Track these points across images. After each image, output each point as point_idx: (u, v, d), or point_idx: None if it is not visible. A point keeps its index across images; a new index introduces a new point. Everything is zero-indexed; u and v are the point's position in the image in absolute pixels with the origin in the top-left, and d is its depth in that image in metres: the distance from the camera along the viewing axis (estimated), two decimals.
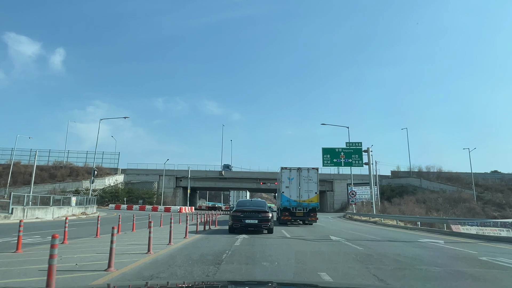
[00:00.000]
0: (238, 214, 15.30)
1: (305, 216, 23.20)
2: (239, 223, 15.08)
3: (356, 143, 35.16)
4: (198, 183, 69.65)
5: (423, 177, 65.11)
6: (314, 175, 23.53)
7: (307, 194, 23.15)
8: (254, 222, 15.06)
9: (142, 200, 63.25)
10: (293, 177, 23.42)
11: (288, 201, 23.18)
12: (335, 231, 20.35)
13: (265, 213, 15.45)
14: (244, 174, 70.07)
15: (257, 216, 15.23)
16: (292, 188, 23.24)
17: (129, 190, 64.69)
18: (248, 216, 15.22)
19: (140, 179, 68.16)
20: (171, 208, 51.18)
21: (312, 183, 23.31)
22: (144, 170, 68.97)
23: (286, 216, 23.20)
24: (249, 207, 15.92)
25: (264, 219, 15.22)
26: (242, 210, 15.53)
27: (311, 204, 23.10)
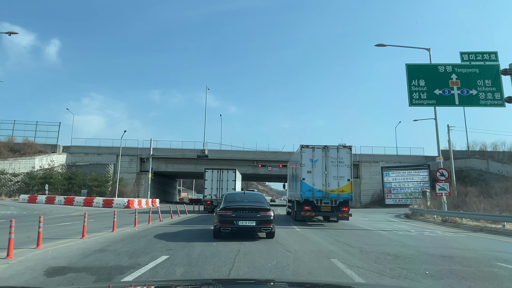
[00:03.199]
0: (229, 213, 10.65)
1: (334, 211, 17.74)
2: (229, 225, 10.57)
3: (485, 53, 13.58)
4: (173, 166, 49.55)
5: (492, 158, 43.99)
6: (345, 156, 18.00)
7: (337, 182, 17.65)
8: (251, 224, 10.57)
9: (87, 190, 42.40)
10: (317, 158, 17.87)
11: (310, 191, 17.57)
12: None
13: (266, 212, 10.83)
14: (235, 154, 49.58)
15: (255, 216, 10.68)
16: (316, 173, 17.71)
17: (71, 175, 43.79)
18: (242, 216, 10.62)
19: (89, 160, 48.04)
20: (114, 202, 30.25)
21: (343, 167, 17.81)
22: (96, 148, 49.23)
23: (307, 211, 17.76)
24: (244, 203, 11.30)
25: (265, 219, 10.70)
26: (234, 207, 10.81)
27: (342, 195, 17.65)
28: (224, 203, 11.37)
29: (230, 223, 10.59)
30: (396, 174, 47.51)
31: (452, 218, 19.95)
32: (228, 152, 51.98)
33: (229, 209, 10.79)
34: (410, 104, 16.16)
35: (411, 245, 10.68)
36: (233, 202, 11.45)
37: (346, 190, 17.83)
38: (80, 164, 50.51)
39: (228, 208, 10.84)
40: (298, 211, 18.79)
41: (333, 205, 17.71)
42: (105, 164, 50.64)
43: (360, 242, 10.79)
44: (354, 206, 49.51)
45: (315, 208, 17.75)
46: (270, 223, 10.71)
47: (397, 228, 17.19)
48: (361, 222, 20.40)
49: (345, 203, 17.90)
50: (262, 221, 10.65)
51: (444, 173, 22.08)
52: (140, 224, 15.23)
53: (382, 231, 14.99)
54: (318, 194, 17.67)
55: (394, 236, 12.93)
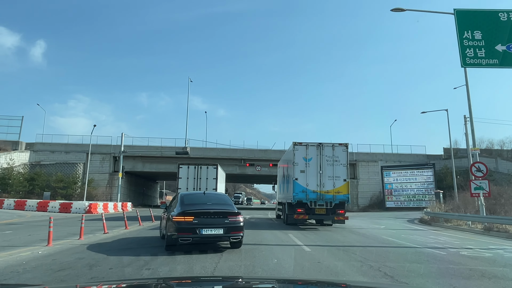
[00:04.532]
0: (189, 220, 8.48)
1: (329, 213, 16.42)
2: (190, 235, 8.41)
3: None
4: (151, 166, 44.11)
5: (500, 157, 39.84)
6: (341, 154, 16.83)
7: (332, 182, 16.48)
8: (218, 232, 8.53)
9: (51, 192, 36.81)
10: (311, 156, 16.73)
11: (304, 192, 16.38)
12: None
13: (236, 217, 8.91)
14: (220, 153, 44.36)
15: (222, 222, 8.64)
16: (310, 173, 16.57)
17: (34, 175, 37.97)
18: (207, 223, 8.51)
19: (56, 158, 42.27)
20: (72, 206, 24.74)
21: (339, 166, 16.70)
22: (63, 145, 43.64)
23: (300, 214, 16.38)
24: (208, 207, 9.15)
25: (235, 226, 8.76)
26: (196, 212, 8.64)
27: (338, 197, 16.42)
28: (181, 206, 8.95)
29: (191, 232, 8.42)
30: (398, 174, 42.96)
31: (502, 226, 15.10)
32: (213, 150, 46.76)
33: (190, 214, 8.52)
34: (463, 64, 11.50)
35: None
36: (193, 205, 9.04)
37: (342, 191, 16.60)
38: (45, 163, 44.65)
39: (188, 213, 8.54)
40: (290, 214, 17.28)
41: (328, 207, 16.42)
42: (73, 163, 44.90)
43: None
44: (351, 209, 44.75)
45: (309, 210, 16.40)
46: (240, 230, 8.93)
47: (455, 244, 11.95)
48: (379, 232, 15.58)
49: (341, 205, 16.64)
50: (231, 228, 8.69)
51: (481, 168, 17.37)
52: (88, 235, 10.18)
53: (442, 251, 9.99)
54: (312, 196, 16.41)
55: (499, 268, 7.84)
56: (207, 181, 21.12)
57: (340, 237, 12.46)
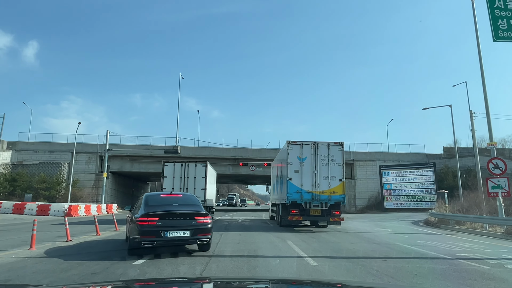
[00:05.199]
0: (153, 222, 7.93)
1: (324, 214, 15.79)
2: (154, 238, 7.88)
3: None
4: (140, 166, 41.89)
5: (502, 156, 37.89)
6: (337, 153, 16.26)
7: (327, 182, 15.90)
8: (184, 235, 8.05)
9: (33, 193, 34.57)
10: (306, 156, 16.18)
11: (298, 193, 15.82)
12: None
13: (203, 218, 8.43)
14: (212, 152, 42.27)
15: (189, 224, 8.17)
16: (304, 173, 16.00)
17: (16, 176, 35.66)
18: (172, 225, 8.01)
19: (40, 158, 39.91)
20: (51, 208, 22.36)
21: (334, 166, 16.11)
22: (47, 144, 41.13)
23: (295, 215, 15.80)
24: (173, 208, 8.56)
25: (202, 228, 8.30)
26: (160, 213, 8.12)
27: (333, 197, 15.81)
28: (144, 207, 8.51)
29: (155, 235, 7.93)
30: (397, 174, 41.18)
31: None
32: (205, 149, 44.64)
33: (153, 216, 8.07)
34: (495, 38, 9.75)
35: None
36: (157, 206, 8.60)
37: (338, 192, 15.95)
38: (28, 163, 42.23)
39: (152, 215, 8.10)
40: (284, 216, 16.66)
41: (323, 208, 15.81)
42: (58, 163, 42.53)
43: None
44: (348, 210, 42.93)
45: (303, 211, 15.81)
46: (208, 232, 8.50)
47: (486, 252, 9.89)
48: (389, 237, 13.65)
49: (336, 206, 15.98)
50: (198, 230, 8.27)
51: (499, 165, 15.57)
52: (45, 244, 8.17)
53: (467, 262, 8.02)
54: (306, 196, 15.82)
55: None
56: (195, 181, 19.07)
57: (348, 245, 10.48)
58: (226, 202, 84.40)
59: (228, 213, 38.01)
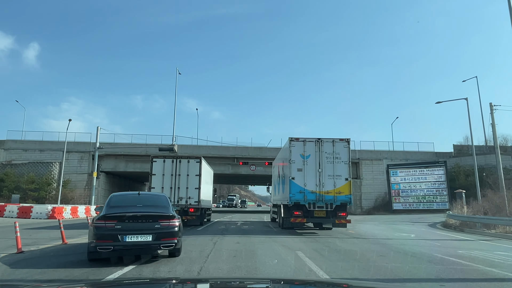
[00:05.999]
0: (111, 225, 7.21)
1: (330, 216, 14.69)
2: (111, 242, 7.10)
3: None
4: (135, 165, 39.68)
5: (507, 152, 35.98)
6: (343, 150, 15.19)
7: (333, 182, 14.81)
8: (146, 239, 7.20)
9: (21, 194, 32.32)
10: (309, 153, 15.18)
11: (302, 193, 14.79)
12: None
13: (169, 220, 7.54)
14: (211, 150, 40.08)
15: (152, 227, 7.35)
16: (308, 171, 14.93)
17: (3, 176, 33.59)
18: (132, 229, 7.24)
19: (29, 157, 37.70)
20: (33, 210, 20.03)
21: (340, 164, 15.02)
22: (37, 142, 38.91)
23: (298, 217, 14.75)
24: (135, 209, 7.82)
25: (167, 231, 7.44)
26: (119, 215, 7.41)
27: (339, 198, 14.71)
28: (105, 209, 7.75)
29: (111, 239, 7.02)
30: (406, 173, 38.81)
31: None
32: (203, 148, 42.33)
33: (111, 218, 7.22)
34: None
35: None
36: (118, 208, 7.77)
37: (344, 192, 14.85)
38: (17, 163, 39.98)
39: (109, 217, 7.26)
40: (286, 217, 15.67)
41: (328, 210, 14.68)
42: (48, 162, 40.27)
43: None
44: (354, 212, 40.54)
45: (307, 213, 14.76)
46: (174, 236, 7.45)
47: None
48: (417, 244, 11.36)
49: (342, 207, 14.89)
50: (162, 234, 7.29)
51: None
52: None
53: None
54: (310, 197, 14.79)
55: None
56: (187, 179, 16.74)
57: (379, 259, 8.11)
58: (226, 203, 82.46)
59: (227, 215, 35.68)
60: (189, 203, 16.52)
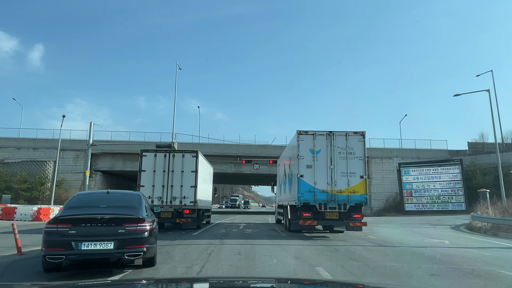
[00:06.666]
0: (63, 229, 6.03)
1: (343, 218, 13.26)
2: (63, 251, 5.93)
3: None
4: (133, 164, 37.31)
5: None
6: (357, 144, 13.65)
7: (346, 180, 13.35)
8: (106, 247, 6.02)
9: (13, 194, 30.35)
10: (320, 148, 13.65)
11: (311, 192, 13.31)
12: None
13: (136, 224, 6.30)
14: (213, 148, 37.96)
15: (115, 232, 6.12)
16: (318, 168, 13.46)
17: None
18: (89, 234, 6.07)
19: (23, 156, 35.71)
20: (17, 211, 17.55)
21: (354, 160, 13.45)
22: (31, 140, 36.98)
23: (307, 219, 13.38)
24: (96, 210, 6.53)
25: (133, 237, 6.18)
26: (74, 217, 6.24)
27: (354, 198, 13.29)
28: (62, 210, 6.68)
29: (64, 247, 5.84)
30: (418, 172, 36.42)
31: None
32: (204, 146, 40.10)
33: (65, 221, 6.05)
34: None
35: None
36: (78, 209, 6.57)
37: (359, 191, 13.44)
38: (10, 162, 37.99)
39: (62, 220, 6.08)
40: (293, 219, 14.43)
41: (341, 211, 13.31)
42: (42, 161, 38.27)
43: None
44: (363, 213, 38.25)
45: (318, 215, 13.40)
46: (142, 243, 6.13)
47: None
48: (463, 254, 9.11)
49: (357, 208, 13.56)
50: (127, 241, 6.03)
51: None
52: None
53: None
54: (321, 196, 13.39)
55: None
56: (182, 176, 14.54)
57: (435, 279, 5.79)
58: (229, 204, 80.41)
59: (229, 216, 33.46)
60: (183, 204, 14.32)
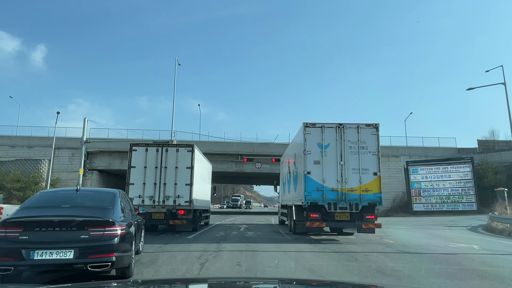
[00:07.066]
0: (12, 236, 4.94)
1: (355, 219, 12.13)
2: (11, 261, 4.79)
3: None
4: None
5: None
6: (370, 138, 12.55)
7: (358, 177, 12.23)
8: (64, 257, 4.86)
9: (6, 194, 28.89)
10: (328, 142, 12.56)
11: (319, 191, 12.22)
12: None
13: (102, 228, 5.10)
14: (213, 146, 36.50)
15: (75, 238, 5.01)
16: (327, 164, 12.39)
17: None
18: (43, 241, 4.96)
19: (17, 154, 34.43)
20: (3, 212, 15.81)
21: (367, 155, 12.41)
22: (26, 138, 35.79)
23: (315, 220, 12.20)
24: (55, 211, 5.38)
25: (96, 245, 5.03)
26: (25, 220, 5.15)
27: (367, 197, 12.14)
28: (16, 211, 5.74)
29: (12, 256, 4.88)
30: (427, 171, 34.87)
31: None
32: (204, 144, 38.65)
33: (15, 225, 5.07)
34: None
35: None
36: (35, 209, 5.55)
37: (372, 189, 12.11)
38: (4, 160, 36.66)
39: (12, 223, 5.13)
40: (299, 221, 13.33)
41: (353, 211, 12.01)
42: (37, 159, 36.92)
43: None
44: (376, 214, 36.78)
45: (326, 216, 12.14)
46: (110, 251, 5.03)
47: None
48: (503, 264, 7.39)
49: (370, 209, 12.18)
50: (90, 249, 4.98)
51: None
52: None
53: None
54: (330, 195, 12.15)
55: None
56: (176, 172, 13.06)
57: None
58: (230, 204, 79.09)
59: (230, 217, 31.98)
60: (178, 204, 12.85)
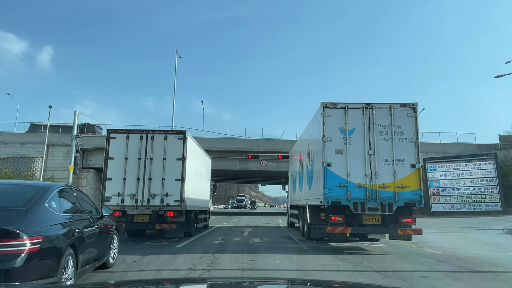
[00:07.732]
0: None
1: (388, 223, 9.41)
2: None
3: None
4: None
5: None
6: (406, 121, 9.76)
7: (392, 170, 9.55)
8: None
9: None
10: (354, 127, 9.85)
11: (343, 188, 9.55)
12: None
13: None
14: (216, 143, 34.11)
15: None
16: (352, 154, 9.71)
17: None
18: None
19: (9, 152, 32.63)
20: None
21: (403, 142, 9.69)
22: (18, 135, 34.23)
23: (338, 224, 9.50)
24: None
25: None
26: None
27: (403, 195, 9.38)
28: None
29: None
30: (447, 168, 32.09)
31: None
32: (207, 140, 36.21)
33: None
34: None
35: None
36: None
37: (410, 185, 9.27)
38: None
39: None
40: (315, 224, 10.90)
41: (385, 213, 9.21)
42: (30, 157, 34.78)
43: None
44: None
45: (352, 219, 9.41)
46: (11, 276, 3.38)
47: None
48: None
49: (407, 210, 9.39)
50: None
51: None
52: None
53: None
54: (356, 193, 9.41)
55: None
56: (164, 165, 10.57)
57: None
58: (235, 204, 76.98)
59: (234, 218, 29.51)
60: (166, 204, 10.36)
